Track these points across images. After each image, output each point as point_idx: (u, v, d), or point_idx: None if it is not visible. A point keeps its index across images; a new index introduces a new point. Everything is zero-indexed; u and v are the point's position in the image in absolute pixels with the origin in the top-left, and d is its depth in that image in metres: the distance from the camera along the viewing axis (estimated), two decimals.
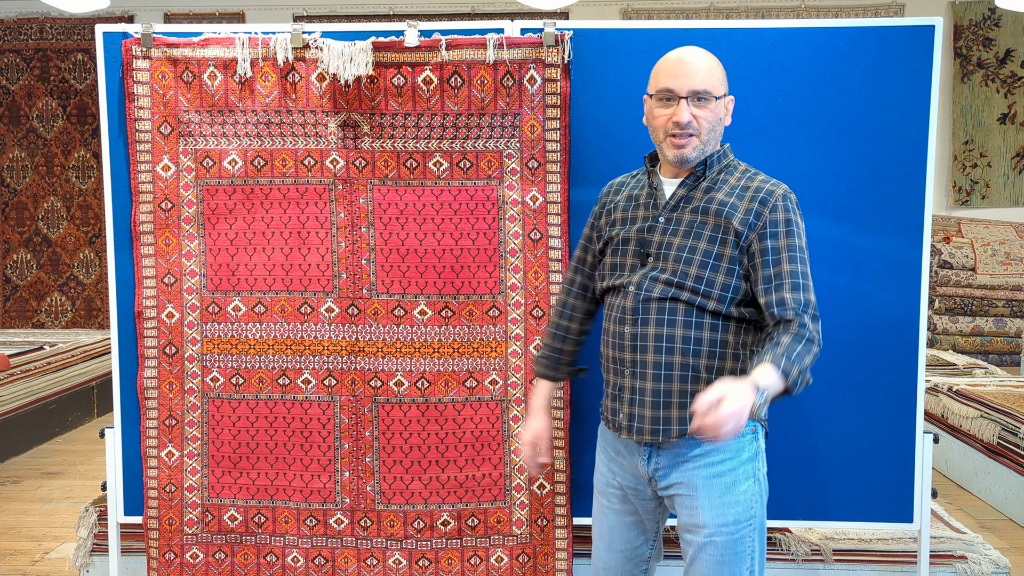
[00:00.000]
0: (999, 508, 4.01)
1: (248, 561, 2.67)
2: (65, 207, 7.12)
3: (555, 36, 2.44)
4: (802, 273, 1.86)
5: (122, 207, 2.61)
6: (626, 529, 2.06)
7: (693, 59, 1.90)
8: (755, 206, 1.89)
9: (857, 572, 2.87)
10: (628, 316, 1.92)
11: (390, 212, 2.54)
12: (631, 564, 2.08)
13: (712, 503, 1.89)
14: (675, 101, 1.88)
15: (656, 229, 1.94)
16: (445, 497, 2.60)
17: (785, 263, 1.86)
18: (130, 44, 2.53)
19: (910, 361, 2.55)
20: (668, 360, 1.89)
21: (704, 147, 1.92)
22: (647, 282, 1.91)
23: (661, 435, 1.91)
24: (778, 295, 1.85)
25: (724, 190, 1.92)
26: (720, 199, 1.91)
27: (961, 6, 6.72)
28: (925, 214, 2.52)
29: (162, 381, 2.63)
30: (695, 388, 1.88)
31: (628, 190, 2.06)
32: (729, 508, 1.89)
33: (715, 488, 1.89)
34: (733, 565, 1.89)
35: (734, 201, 1.90)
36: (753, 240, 1.88)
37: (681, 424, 1.89)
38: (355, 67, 2.45)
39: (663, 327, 1.89)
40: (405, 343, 2.57)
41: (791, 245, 1.87)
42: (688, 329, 1.89)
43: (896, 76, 2.49)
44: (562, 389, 2.56)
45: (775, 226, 1.88)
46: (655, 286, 1.90)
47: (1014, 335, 6.19)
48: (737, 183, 1.93)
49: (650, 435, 1.92)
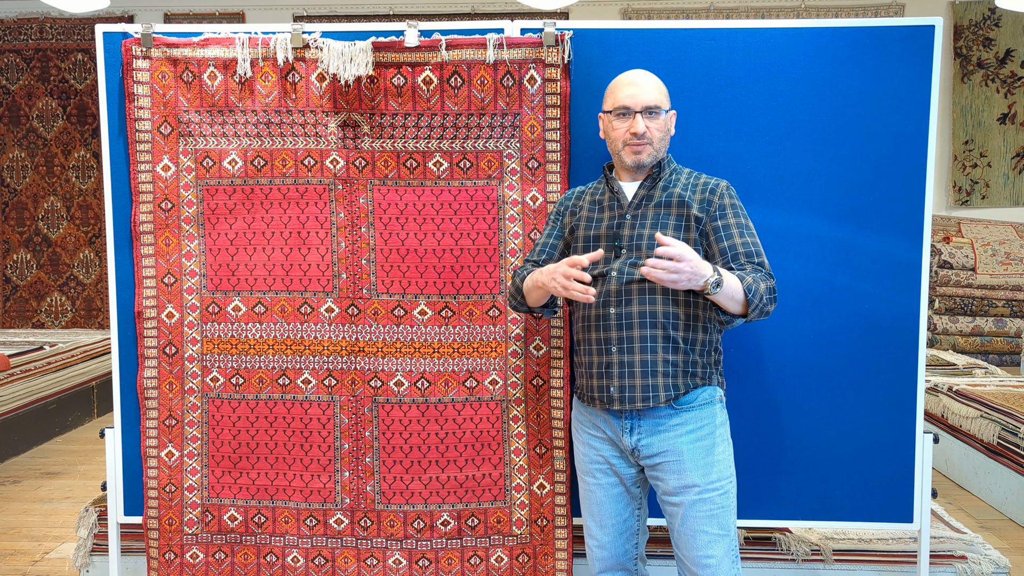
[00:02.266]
0: (999, 508, 4.01)
1: (248, 561, 2.67)
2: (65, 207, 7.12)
3: (555, 36, 2.44)
4: (753, 243, 2.16)
5: (122, 207, 2.61)
6: (614, 502, 2.26)
7: (643, 80, 2.21)
8: (707, 195, 2.20)
9: (857, 572, 2.87)
10: (612, 298, 2.16)
11: (390, 212, 2.54)
12: (623, 539, 2.28)
13: (698, 464, 2.15)
14: (631, 116, 2.19)
15: (624, 225, 2.20)
16: (445, 497, 2.60)
17: (736, 236, 2.15)
18: (130, 44, 2.53)
19: (910, 361, 2.56)
20: (652, 333, 2.14)
21: (656, 153, 2.22)
22: (627, 267, 2.16)
23: (651, 400, 2.14)
24: (736, 262, 2.13)
25: (679, 186, 2.22)
26: (678, 192, 2.21)
27: (961, 6, 6.72)
28: (925, 214, 2.52)
29: (162, 381, 2.63)
30: (675, 358, 2.15)
31: (589, 196, 2.31)
32: (712, 468, 2.16)
33: (699, 451, 2.15)
34: (722, 517, 2.15)
35: (690, 193, 2.20)
36: (707, 222, 2.18)
37: (666, 391, 2.14)
38: (355, 67, 2.45)
39: (645, 304, 2.14)
40: (405, 343, 2.57)
41: (739, 224, 2.17)
42: (667, 305, 2.14)
43: (896, 76, 2.49)
44: (562, 390, 2.56)
45: (723, 209, 2.18)
46: (635, 271, 2.15)
47: (1014, 335, 6.18)
48: (687, 180, 2.24)
49: (641, 402, 2.15)
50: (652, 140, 2.19)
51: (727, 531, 2.15)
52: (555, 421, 2.57)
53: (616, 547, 2.27)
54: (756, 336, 2.57)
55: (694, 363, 2.16)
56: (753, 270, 2.11)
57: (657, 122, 2.20)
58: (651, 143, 2.19)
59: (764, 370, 2.55)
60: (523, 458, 2.59)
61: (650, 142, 2.19)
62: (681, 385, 2.15)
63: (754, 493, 2.60)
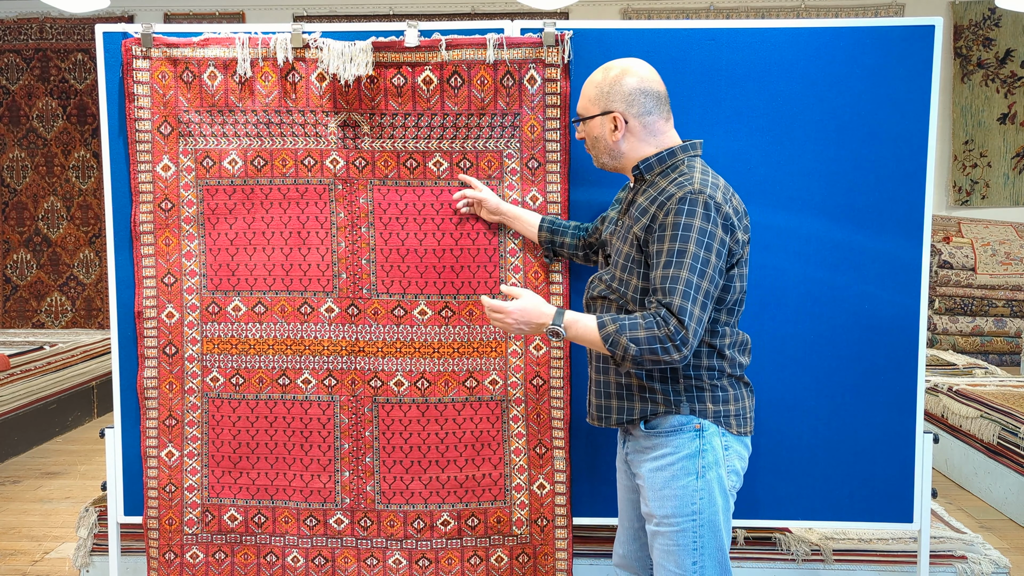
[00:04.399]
0: (999, 508, 4.01)
1: (248, 561, 2.67)
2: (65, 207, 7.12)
3: (555, 36, 2.44)
4: (672, 277, 1.87)
5: (122, 207, 2.61)
6: (629, 505, 2.21)
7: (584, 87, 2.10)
8: (653, 209, 1.95)
9: (857, 572, 2.87)
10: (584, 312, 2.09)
11: (390, 212, 2.54)
12: (636, 544, 2.22)
13: (655, 495, 2.02)
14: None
15: (614, 232, 2.13)
16: (445, 497, 2.60)
17: (662, 268, 1.89)
18: (130, 44, 2.53)
19: (910, 361, 2.56)
20: (603, 354, 2.02)
21: (599, 160, 2.11)
22: (594, 281, 2.12)
23: (604, 421, 2.10)
24: (653, 297, 1.90)
25: (648, 194, 2.00)
26: (639, 203, 2.02)
27: (961, 6, 6.72)
28: (925, 214, 2.52)
29: (162, 381, 2.63)
30: (628, 381, 2.04)
31: (624, 192, 2.23)
32: (668, 501, 1.99)
33: (656, 480, 2.01)
34: (677, 556, 1.99)
35: (646, 205, 1.98)
36: (649, 242, 1.95)
37: (619, 413, 2.06)
38: (355, 67, 2.45)
39: None
40: (405, 343, 2.57)
41: (672, 250, 1.89)
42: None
43: (896, 76, 2.49)
44: (561, 390, 2.56)
45: (663, 229, 1.91)
46: (598, 285, 2.10)
47: (1014, 335, 6.18)
48: (661, 187, 1.98)
49: (596, 420, 2.12)
50: (591, 146, 2.11)
51: (684, 571, 1.97)
52: (555, 421, 2.57)
53: (629, 548, 2.23)
54: (756, 336, 2.57)
55: (651, 389, 2.00)
56: (644, 315, 1.88)
57: (584, 130, 2.11)
58: (593, 148, 2.11)
59: (764, 370, 2.55)
60: (523, 458, 2.59)
61: (592, 147, 2.11)
62: (637, 410, 2.02)
63: (754, 493, 2.60)
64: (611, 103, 2.03)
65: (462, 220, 2.53)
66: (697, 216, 1.88)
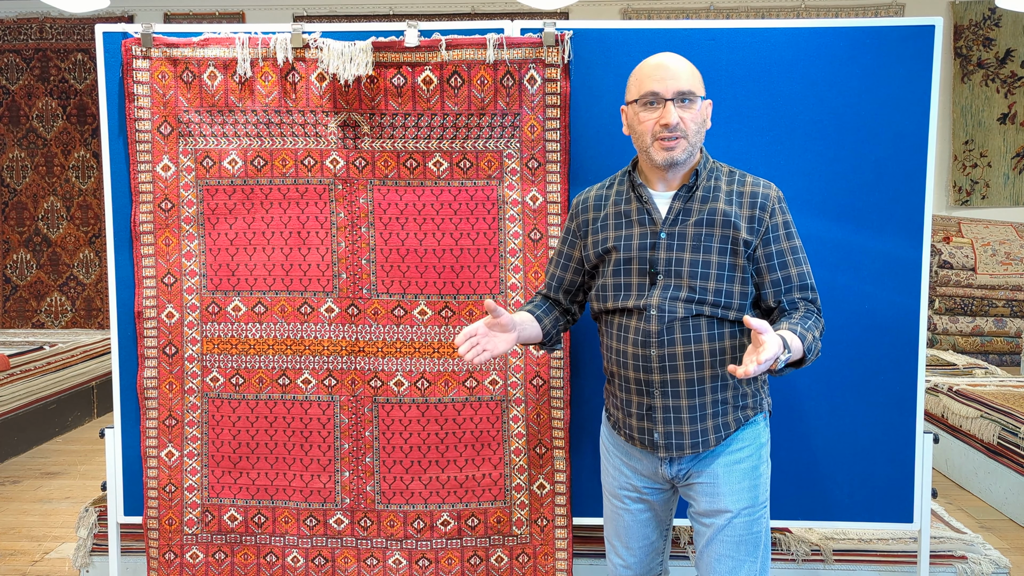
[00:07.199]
0: (999, 508, 4.01)
1: (248, 561, 2.67)
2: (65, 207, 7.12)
3: (555, 36, 2.44)
4: (807, 272, 1.98)
5: (122, 207, 2.61)
6: (642, 527, 2.11)
7: (673, 63, 1.91)
8: (756, 212, 1.94)
9: (857, 572, 2.87)
10: (654, 339, 1.92)
11: (390, 212, 2.54)
12: (649, 558, 2.14)
13: (733, 488, 1.96)
14: (661, 104, 1.89)
15: (660, 246, 1.93)
16: (445, 497, 2.60)
17: (791, 265, 1.96)
18: (130, 44, 2.53)
19: (910, 361, 2.56)
20: (699, 375, 1.92)
21: (692, 149, 1.92)
22: (667, 303, 1.91)
23: (701, 446, 1.96)
24: (788, 296, 1.95)
25: (721, 198, 1.93)
26: (722, 209, 1.92)
27: (961, 6, 6.72)
28: (925, 214, 2.52)
29: (162, 381, 2.63)
30: (724, 396, 1.95)
31: (612, 205, 2.02)
32: (748, 492, 1.97)
33: (736, 475, 1.96)
34: (750, 544, 1.97)
35: (735, 209, 1.92)
36: (758, 245, 1.95)
37: (715, 432, 1.95)
38: (355, 67, 2.45)
39: (690, 344, 1.91)
40: (405, 343, 2.57)
41: (793, 247, 1.97)
42: (713, 342, 1.92)
43: (896, 76, 2.49)
44: (562, 390, 2.56)
45: (776, 230, 1.95)
46: (677, 306, 1.91)
47: (1014, 335, 6.18)
48: (730, 188, 1.95)
49: (690, 448, 1.96)
50: (687, 133, 1.89)
51: (754, 558, 1.96)
52: (555, 421, 2.57)
53: (642, 566, 2.14)
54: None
55: (744, 395, 1.97)
56: (806, 314, 1.89)
57: (691, 111, 1.89)
58: (685, 136, 1.89)
59: None
60: (523, 458, 2.59)
61: (684, 135, 1.89)
62: (732, 422, 1.96)
63: None
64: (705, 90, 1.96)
65: (462, 220, 2.53)
66: (788, 212, 1.99)
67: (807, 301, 1.95)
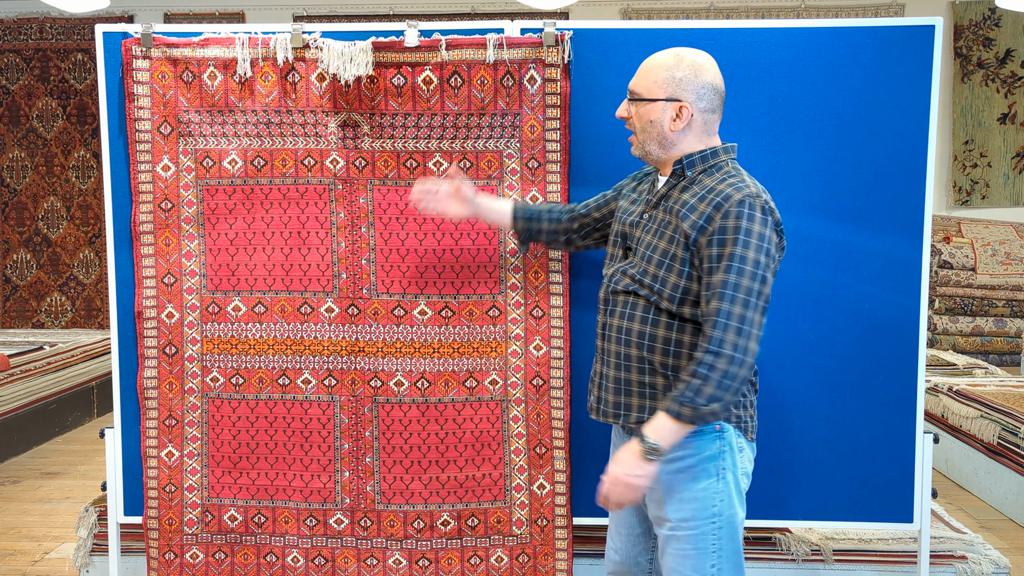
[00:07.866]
0: (999, 508, 4.01)
1: (248, 561, 2.67)
2: (65, 207, 7.12)
3: (555, 36, 2.44)
4: (734, 284, 1.82)
5: (122, 207, 2.61)
6: (626, 515, 2.17)
7: (645, 63, 2.00)
8: (709, 210, 1.87)
9: (857, 572, 2.87)
10: (601, 306, 2.07)
11: (390, 212, 2.54)
12: (634, 548, 2.18)
13: (672, 498, 1.96)
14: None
15: (638, 225, 2.03)
16: (445, 497, 2.60)
17: (720, 272, 1.83)
18: (130, 44, 2.53)
19: (910, 361, 2.55)
20: (627, 352, 1.99)
21: (644, 147, 2.01)
22: (617, 275, 2.03)
23: (622, 419, 2.03)
24: (709, 305, 1.85)
25: (694, 191, 1.93)
26: (684, 200, 1.93)
27: (961, 6, 6.72)
28: (925, 214, 2.52)
29: (162, 381, 2.63)
30: (652, 380, 1.97)
31: (639, 183, 2.16)
32: (687, 504, 1.94)
33: (675, 483, 1.95)
34: (695, 560, 1.94)
35: (694, 203, 1.91)
36: (702, 245, 1.87)
37: (640, 412, 1.99)
38: (355, 67, 2.45)
39: (624, 320, 2.00)
40: (405, 343, 2.57)
41: (733, 254, 1.83)
42: (645, 325, 1.96)
43: (896, 76, 2.49)
44: (562, 390, 2.56)
45: (723, 232, 1.85)
46: (622, 279, 2.02)
47: (1014, 335, 6.18)
48: (709, 185, 1.92)
49: (612, 417, 2.04)
50: (635, 130, 2.00)
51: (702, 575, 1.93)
52: (555, 421, 2.57)
53: (627, 555, 2.18)
54: None
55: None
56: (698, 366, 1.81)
57: (635, 108, 1.98)
58: (635, 133, 2.01)
59: (764, 370, 2.54)
60: (523, 458, 2.59)
61: (634, 131, 2.01)
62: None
63: (754, 493, 2.59)
64: (682, 92, 1.94)
65: (462, 220, 2.53)
66: (756, 221, 1.84)
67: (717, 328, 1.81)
